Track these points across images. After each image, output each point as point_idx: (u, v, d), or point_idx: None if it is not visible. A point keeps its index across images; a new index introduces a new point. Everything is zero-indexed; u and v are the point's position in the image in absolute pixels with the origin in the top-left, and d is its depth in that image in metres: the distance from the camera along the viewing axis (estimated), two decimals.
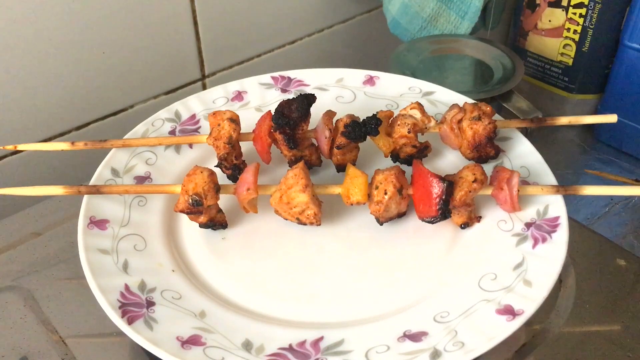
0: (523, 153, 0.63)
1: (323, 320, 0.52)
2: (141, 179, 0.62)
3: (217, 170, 0.61)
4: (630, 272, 0.59)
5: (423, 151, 0.62)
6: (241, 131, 0.61)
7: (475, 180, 0.55)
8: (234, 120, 0.60)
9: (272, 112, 0.60)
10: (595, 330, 0.55)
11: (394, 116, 0.62)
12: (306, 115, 0.59)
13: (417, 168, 0.56)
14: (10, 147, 0.62)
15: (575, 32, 0.79)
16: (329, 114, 0.60)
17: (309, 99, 0.59)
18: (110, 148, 0.63)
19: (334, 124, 0.60)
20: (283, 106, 0.59)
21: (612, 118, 0.61)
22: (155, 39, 0.79)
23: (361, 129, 0.58)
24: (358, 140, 0.59)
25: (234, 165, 0.61)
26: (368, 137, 0.60)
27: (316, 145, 0.62)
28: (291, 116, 0.59)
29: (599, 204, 0.71)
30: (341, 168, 0.62)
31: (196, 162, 0.63)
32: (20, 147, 0.63)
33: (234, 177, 0.62)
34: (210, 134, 0.61)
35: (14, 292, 0.58)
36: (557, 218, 0.56)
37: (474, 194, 0.55)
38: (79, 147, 0.62)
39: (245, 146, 0.63)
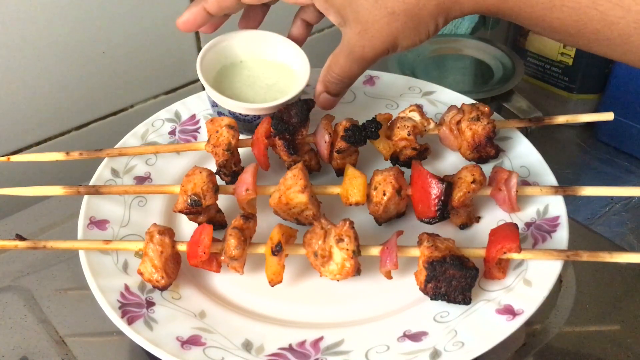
0: (523, 153, 0.63)
1: (323, 320, 0.52)
2: (141, 179, 0.62)
3: None
4: (630, 272, 0.59)
5: (423, 153, 0.62)
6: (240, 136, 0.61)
7: (474, 181, 0.55)
8: (232, 126, 0.60)
9: (271, 118, 0.59)
10: (595, 330, 0.55)
11: (393, 119, 0.62)
12: (305, 120, 0.59)
13: (416, 169, 0.56)
14: (3, 159, 0.61)
15: None
16: (328, 118, 0.60)
17: (308, 104, 0.58)
18: (105, 157, 0.62)
19: (333, 128, 0.60)
20: (282, 112, 0.59)
21: (608, 116, 0.61)
22: (155, 39, 0.78)
23: (361, 133, 0.58)
24: (358, 144, 0.59)
25: (233, 172, 0.61)
26: (368, 141, 0.59)
27: (315, 150, 0.62)
28: (290, 122, 0.58)
29: (599, 204, 0.71)
30: (341, 172, 0.61)
31: (196, 163, 0.63)
32: (13, 158, 0.62)
33: (233, 184, 0.62)
34: (209, 140, 0.60)
35: (14, 292, 0.58)
36: (557, 218, 0.56)
37: (473, 195, 0.55)
38: (74, 157, 0.61)
39: (243, 151, 0.63)
